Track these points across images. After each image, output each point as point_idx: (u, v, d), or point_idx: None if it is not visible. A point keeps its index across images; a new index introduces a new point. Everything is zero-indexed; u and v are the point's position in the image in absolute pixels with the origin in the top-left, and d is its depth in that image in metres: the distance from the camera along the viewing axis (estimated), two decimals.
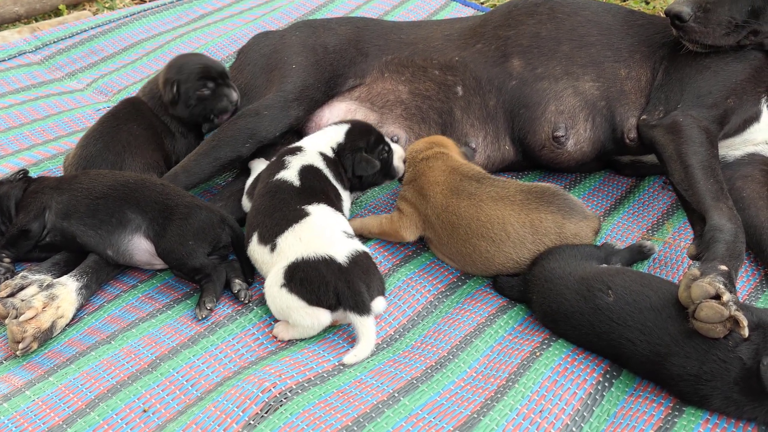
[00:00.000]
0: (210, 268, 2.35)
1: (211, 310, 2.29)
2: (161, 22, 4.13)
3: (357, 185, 2.62)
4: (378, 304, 2.19)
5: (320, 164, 2.50)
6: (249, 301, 2.34)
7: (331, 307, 2.14)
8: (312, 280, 2.13)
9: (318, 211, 2.33)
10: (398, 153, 2.63)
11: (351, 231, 2.36)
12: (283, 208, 2.33)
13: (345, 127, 2.60)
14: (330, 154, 2.55)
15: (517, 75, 2.88)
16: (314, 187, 2.42)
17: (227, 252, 2.46)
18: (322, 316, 2.14)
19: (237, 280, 2.38)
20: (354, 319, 2.12)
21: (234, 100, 2.80)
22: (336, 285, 2.12)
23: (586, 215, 2.38)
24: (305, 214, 2.30)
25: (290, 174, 2.44)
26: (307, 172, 2.46)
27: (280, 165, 2.48)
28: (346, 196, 2.55)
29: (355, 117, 2.99)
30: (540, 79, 2.85)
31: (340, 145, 2.56)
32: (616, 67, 2.82)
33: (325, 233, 2.24)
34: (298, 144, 2.60)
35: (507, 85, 2.88)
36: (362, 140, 2.57)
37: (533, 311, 2.30)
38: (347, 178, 2.56)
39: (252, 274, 2.43)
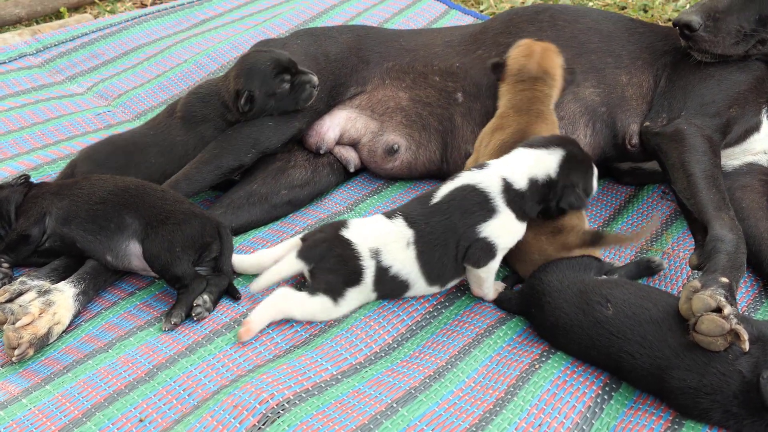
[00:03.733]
0: (189, 278, 2.34)
1: (175, 324, 2.27)
2: (162, 26, 4.13)
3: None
4: None
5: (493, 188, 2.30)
6: (199, 321, 2.30)
7: None
8: None
9: None
10: (595, 173, 2.43)
11: None
12: None
13: (558, 156, 2.32)
14: (522, 185, 2.30)
15: None
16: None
17: (215, 263, 2.44)
18: None
19: (205, 296, 2.33)
20: None
21: (316, 84, 2.74)
22: None
23: None
24: None
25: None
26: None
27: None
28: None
29: (356, 125, 2.99)
30: None
31: (549, 179, 2.30)
32: (617, 73, 2.82)
33: None
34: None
35: None
36: (578, 175, 2.34)
37: (532, 324, 2.29)
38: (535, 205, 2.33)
39: (237, 291, 2.41)
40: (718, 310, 1.94)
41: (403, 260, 2.28)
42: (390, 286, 2.32)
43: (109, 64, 3.82)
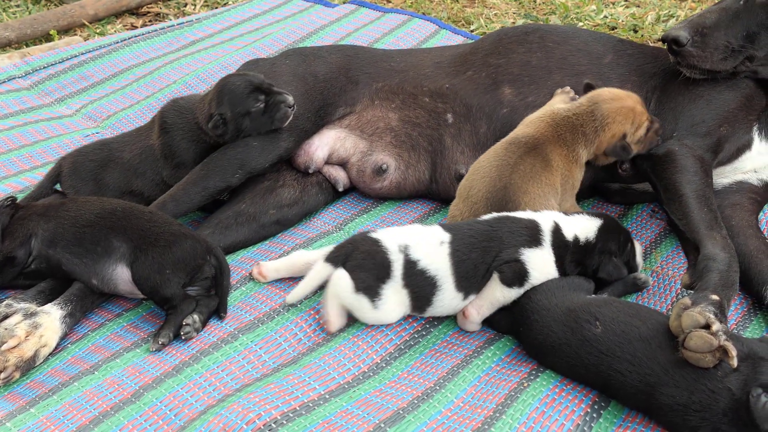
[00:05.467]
0: (179, 299, 2.33)
1: (163, 345, 2.26)
2: (152, 48, 4.14)
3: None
4: None
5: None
6: (187, 340, 2.29)
7: None
8: None
9: None
10: (638, 250, 2.47)
11: None
12: None
13: (597, 223, 2.37)
14: (569, 236, 2.33)
15: (507, 103, 2.89)
16: None
17: (209, 284, 2.43)
18: None
19: (195, 316, 2.32)
20: None
21: (291, 104, 2.72)
22: None
23: None
24: None
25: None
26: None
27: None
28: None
29: (345, 145, 2.99)
30: (531, 107, 2.85)
31: (587, 241, 2.34)
32: None
33: None
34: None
35: (498, 112, 2.89)
36: (614, 242, 2.37)
37: (521, 343, 2.28)
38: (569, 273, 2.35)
39: (225, 310, 2.40)
40: (707, 326, 1.93)
41: (434, 256, 2.26)
42: (418, 283, 2.26)
43: (98, 85, 3.83)
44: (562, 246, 2.31)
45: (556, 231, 2.31)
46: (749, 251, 2.52)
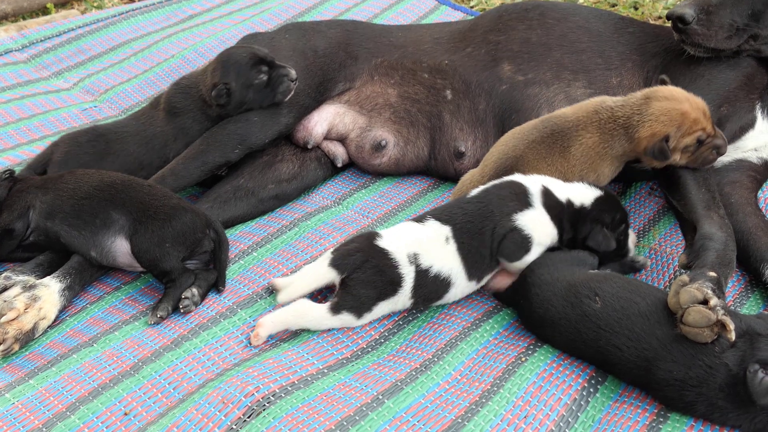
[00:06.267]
0: (177, 272, 2.32)
1: (161, 318, 2.26)
2: (150, 22, 4.11)
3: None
4: None
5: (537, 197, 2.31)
6: (186, 314, 2.29)
7: None
8: None
9: None
10: (632, 238, 2.43)
11: None
12: None
13: (596, 193, 2.34)
14: (561, 198, 2.31)
15: (507, 79, 2.88)
16: None
17: (208, 258, 2.43)
18: None
19: (193, 289, 2.31)
20: None
21: (294, 77, 2.71)
22: None
23: None
24: None
25: None
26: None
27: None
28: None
29: (344, 120, 2.98)
30: (531, 84, 2.85)
31: (582, 206, 2.32)
32: (607, 75, 2.82)
33: None
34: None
35: (497, 89, 2.88)
36: (609, 215, 2.33)
37: (520, 316, 2.29)
38: (567, 237, 2.34)
39: (224, 283, 2.39)
40: (705, 302, 1.94)
41: (444, 257, 2.22)
42: (430, 288, 2.23)
43: (95, 59, 3.81)
44: (554, 206, 2.28)
45: (546, 192, 2.30)
46: (748, 228, 2.52)
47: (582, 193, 2.34)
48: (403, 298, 2.22)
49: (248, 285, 2.40)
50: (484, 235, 2.25)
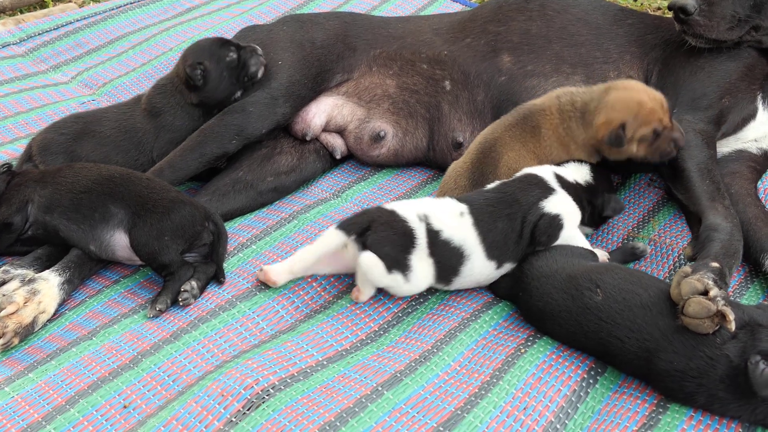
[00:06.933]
0: (176, 265, 2.32)
1: (160, 311, 2.26)
2: (148, 15, 4.10)
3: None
4: None
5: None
6: (185, 307, 2.29)
7: None
8: None
9: None
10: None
11: None
12: None
13: (587, 166, 2.46)
14: (571, 180, 2.41)
15: (506, 71, 2.87)
16: None
17: (207, 250, 2.43)
18: None
19: (192, 282, 2.31)
20: None
21: (260, 51, 2.78)
22: None
23: None
24: None
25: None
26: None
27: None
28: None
29: (342, 112, 2.98)
30: (530, 75, 2.84)
31: (588, 183, 2.43)
32: (605, 68, 2.81)
33: None
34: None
35: (496, 80, 2.87)
36: (607, 182, 2.49)
37: (519, 309, 2.28)
38: (586, 214, 2.43)
39: (223, 275, 2.39)
40: (706, 293, 1.94)
41: (456, 227, 2.22)
42: (444, 252, 2.21)
43: (93, 53, 3.79)
44: (571, 187, 2.37)
45: (559, 177, 2.38)
46: (748, 219, 2.52)
47: (581, 171, 2.45)
48: (424, 255, 2.19)
49: (247, 278, 2.40)
50: (512, 219, 2.27)
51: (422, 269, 2.22)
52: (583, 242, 2.35)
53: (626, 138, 2.38)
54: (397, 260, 2.18)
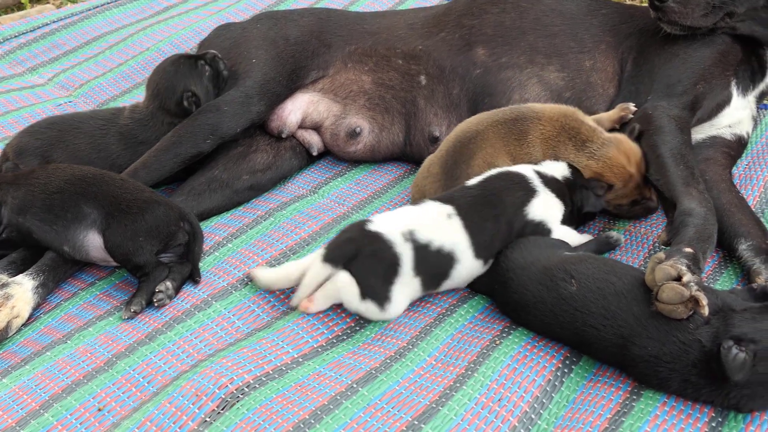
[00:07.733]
0: (151, 266, 2.31)
1: (135, 312, 2.25)
2: (125, 14, 4.07)
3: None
4: None
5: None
6: (160, 307, 2.28)
7: None
8: None
9: None
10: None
11: None
12: None
13: (563, 163, 2.46)
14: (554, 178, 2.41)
15: (481, 64, 2.87)
16: None
17: (183, 250, 2.42)
18: None
19: (167, 283, 2.30)
20: None
21: (218, 54, 2.83)
22: None
23: None
24: None
25: None
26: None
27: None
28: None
29: (318, 108, 2.97)
30: (504, 68, 2.84)
31: (567, 179, 2.43)
32: (580, 58, 2.81)
33: None
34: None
35: (471, 73, 2.87)
36: (581, 176, 2.46)
37: (495, 302, 2.28)
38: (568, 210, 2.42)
39: (199, 274, 2.39)
40: (679, 278, 1.94)
41: (446, 232, 2.19)
42: (433, 262, 2.18)
43: (70, 54, 3.77)
44: (552, 183, 2.36)
45: (541, 174, 2.37)
46: (722, 205, 2.52)
47: (558, 168, 2.44)
48: (408, 278, 2.17)
49: (223, 277, 2.40)
50: (498, 223, 2.25)
51: (403, 297, 2.19)
52: (573, 236, 2.36)
53: (606, 194, 2.48)
54: (376, 292, 2.15)
